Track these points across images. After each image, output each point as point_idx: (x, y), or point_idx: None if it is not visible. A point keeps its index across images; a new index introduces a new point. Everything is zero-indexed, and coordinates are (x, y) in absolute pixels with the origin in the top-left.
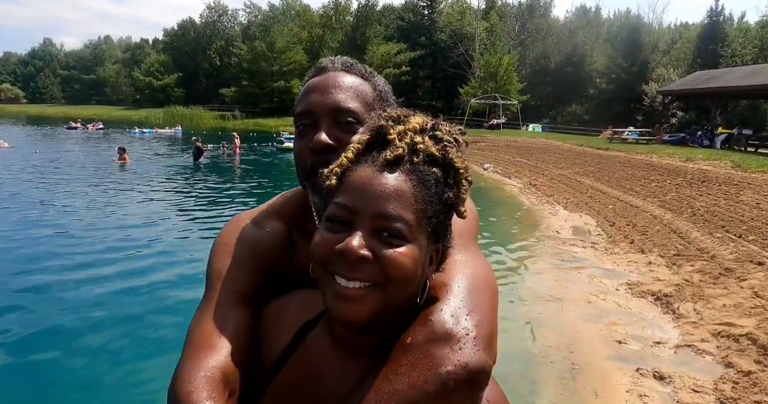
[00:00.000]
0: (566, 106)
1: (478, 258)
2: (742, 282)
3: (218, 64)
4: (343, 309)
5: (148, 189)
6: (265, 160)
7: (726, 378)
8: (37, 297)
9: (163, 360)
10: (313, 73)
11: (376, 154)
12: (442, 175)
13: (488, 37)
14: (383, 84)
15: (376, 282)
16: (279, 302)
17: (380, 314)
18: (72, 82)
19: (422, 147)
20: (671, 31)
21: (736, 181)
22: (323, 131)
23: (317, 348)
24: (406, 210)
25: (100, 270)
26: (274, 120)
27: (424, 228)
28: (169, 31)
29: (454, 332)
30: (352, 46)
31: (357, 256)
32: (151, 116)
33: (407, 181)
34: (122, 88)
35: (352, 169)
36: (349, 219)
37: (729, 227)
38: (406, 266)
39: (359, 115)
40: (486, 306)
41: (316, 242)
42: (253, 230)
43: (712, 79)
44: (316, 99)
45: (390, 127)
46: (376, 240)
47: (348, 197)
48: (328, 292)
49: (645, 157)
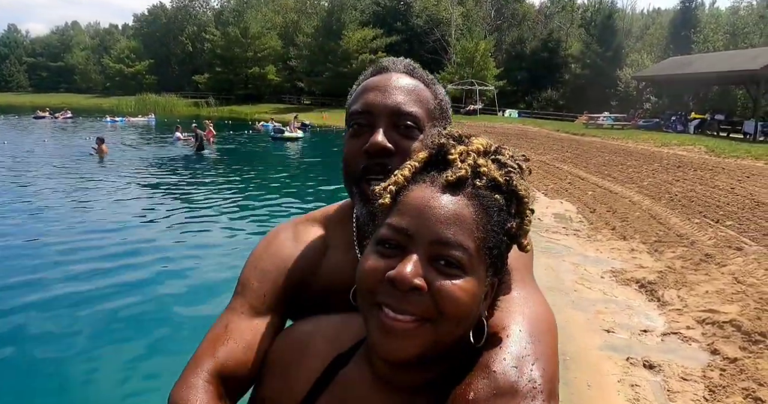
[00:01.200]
0: (542, 91)
1: (537, 295)
2: (722, 268)
3: (191, 50)
4: (389, 346)
5: (148, 186)
6: (255, 150)
7: (713, 366)
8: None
9: (160, 362)
10: (372, 72)
11: (436, 174)
12: (505, 202)
13: (464, 23)
14: (444, 93)
15: (427, 317)
16: (302, 329)
17: (429, 352)
18: (39, 70)
19: (485, 170)
20: (644, 17)
21: (711, 166)
22: (381, 132)
23: (354, 385)
24: (467, 237)
25: (86, 269)
26: (249, 107)
27: (484, 260)
28: (139, 17)
29: (519, 386)
30: (327, 32)
31: (410, 286)
32: (122, 104)
33: (469, 206)
34: (91, 76)
35: (408, 188)
36: (404, 243)
37: (706, 212)
38: (462, 301)
39: (420, 120)
40: (549, 351)
41: (364, 267)
42: (283, 242)
43: (684, 65)
44: (375, 98)
45: (451, 145)
46: (432, 268)
47: (403, 219)
48: (372, 324)
49: (621, 143)
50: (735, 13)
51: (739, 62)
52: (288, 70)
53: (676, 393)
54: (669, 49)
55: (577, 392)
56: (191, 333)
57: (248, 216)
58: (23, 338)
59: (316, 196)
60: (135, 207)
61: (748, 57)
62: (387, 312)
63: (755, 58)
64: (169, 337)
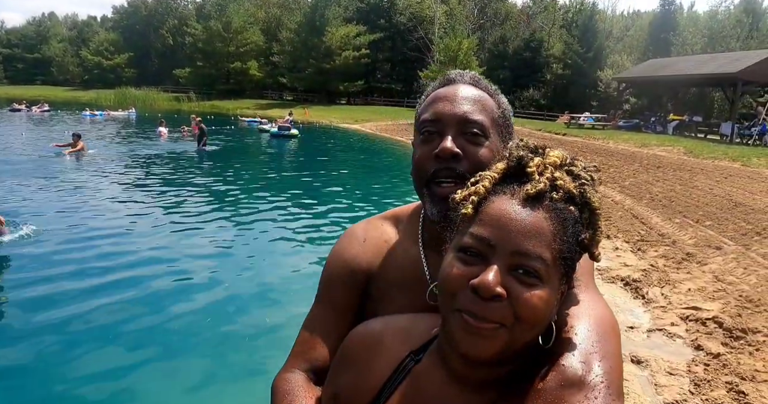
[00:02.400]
0: (524, 90)
1: (600, 299)
2: (703, 267)
3: (171, 43)
4: (471, 344)
5: (154, 184)
6: (252, 146)
7: (697, 361)
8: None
9: (159, 367)
10: (440, 84)
11: (516, 187)
12: (579, 214)
13: (448, 21)
14: (506, 103)
15: (505, 324)
16: (373, 327)
17: (504, 352)
18: (15, 61)
19: (562, 183)
20: (625, 19)
21: (690, 167)
22: (449, 138)
23: (428, 381)
24: (545, 249)
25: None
26: (231, 102)
27: (559, 269)
28: (119, 9)
29: (587, 380)
30: (310, 28)
31: (492, 294)
32: (101, 97)
33: (547, 219)
34: (69, 68)
35: (489, 199)
36: (485, 252)
37: (686, 213)
38: (539, 308)
39: (485, 127)
40: (615, 352)
41: (446, 272)
42: (351, 243)
43: (664, 67)
44: (444, 108)
45: (529, 158)
46: (512, 277)
47: (485, 229)
48: (454, 325)
49: (602, 143)
50: (713, 17)
51: (717, 65)
52: (270, 65)
53: (663, 387)
54: (649, 51)
55: None
56: (197, 331)
57: (254, 215)
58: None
59: (324, 191)
60: (139, 207)
61: (725, 60)
62: (468, 319)
63: (733, 61)
64: (170, 335)
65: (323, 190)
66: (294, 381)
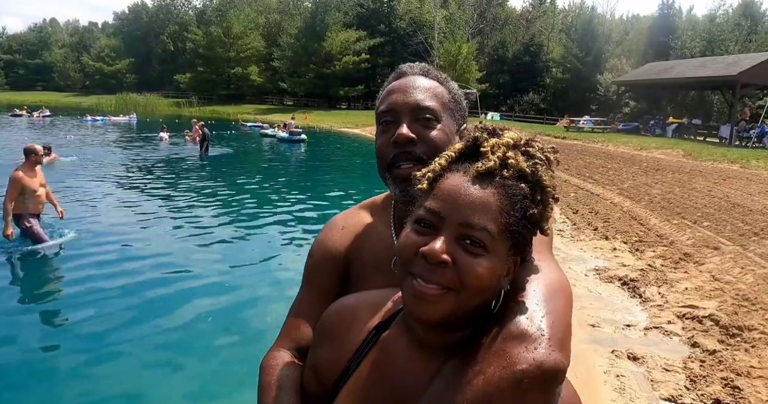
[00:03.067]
0: (524, 94)
1: (552, 265)
2: (700, 266)
3: (172, 49)
4: (419, 308)
5: (159, 189)
6: (257, 150)
7: (693, 358)
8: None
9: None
10: (393, 77)
11: (469, 165)
12: (530, 191)
13: (447, 26)
14: (456, 88)
15: (452, 287)
16: (348, 301)
17: (453, 315)
18: (16, 67)
19: (513, 162)
20: (624, 23)
21: (688, 169)
22: (405, 126)
23: (394, 348)
24: (490, 221)
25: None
26: (232, 107)
27: (505, 241)
28: (120, 15)
29: (529, 333)
30: (310, 33)
31: (438, 260)
32: (102, 103)
33: (495, 194)
34: (70, 74)
35: (443, 176)
36: (436, 223)
37: (685, 214)
38: (482, 275)
39: (437, 112)
40: (560, 309)
41: (402, 241)
42: (331, 231)
43: (663, 71)
44: (398, 98)
45: (484, 139)
46: (459, 247)
47: (437, 203)
48: (406, 290)
49: (601, 146)
50: (712, 21)
51: (716, 68)
52: (271, 70)
53: (659, 383)
54: (648, 55)
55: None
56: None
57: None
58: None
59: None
60: (152, 212)
61: (724, 63)
62: (419, 282)
63: (731, 64)
64: (176, 334)
65: (329, 194)
66: (279, 358)
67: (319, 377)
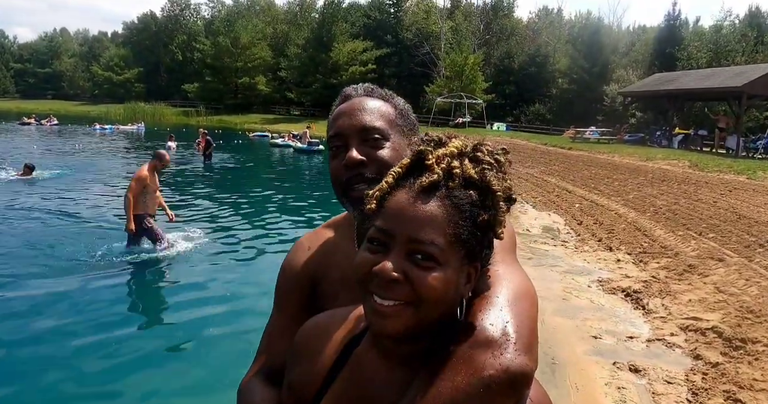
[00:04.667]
0: (530, 105)
1: (517, 270)
2: (704, 278)
3: (180, 59)
4: (380, 324)
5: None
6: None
7: (696, 370)
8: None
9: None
10: (339, 101)
11: (414, 180)
12: (479, 197)
13: (453, 37)
14: (402, 103)
15: (409, 301)
16: (321, 319)
17: (416, 328)
18: (26, 76)
19: (458, 171)
20: (630, 34)
21: (694, 180)
22: (354, 149)
23: (366, 362)
24: (438, 234)
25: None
26: (239, 117)
27: (457, 251)
28: (129, 25)
29: (494, 338)
30: (317, 44)
31: (389, 278)
32: (110, 112)
33: (440, 206)
34: (79, 83)
35: (391, 194)
36: (387, 241)
37: (690, 225)
38: (436, 288)
39: (384, 131)
40: (525, 314)
41: (356, 261)
42: (298, 252)
43: (669, 82)
44: (344, 122)
45: (429, 151)
46: (410, 262)
47: (385, 221)
48: (367, 307)
49: (607, 157)
50: (718, 32)
51: (722, 79)
52: (278, 80)
53: (660, 396)
54: (654, 66)
55: (566, 394)
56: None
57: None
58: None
59: None
60: None
61: (730, 74)
62: (375, 299)
63: (738, 75)
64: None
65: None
66: (255, 382)
67: (297, 396)
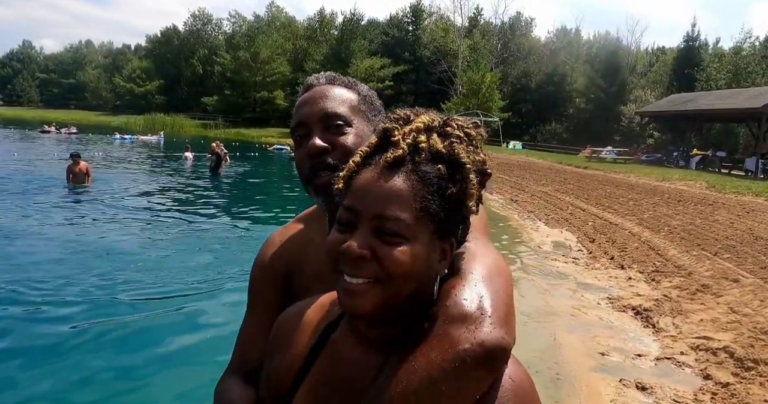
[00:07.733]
0: (546, 124)
1: (489, 248)
2: (718, 298)
3: (201, 72)
4: (350, 303)
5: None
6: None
7: (705, 390)
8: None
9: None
10: (302, 91)
11: (379, 157)
12: (448, 170)
13: (471, 55)
14: (366, 90)
15: (378, 278)
16: (298, 307)
17: (387, 306)
18: (50, 86)
19: (425, 146)
20: (649, 55)
21: (711, 201)
22: (316, 137)
23: (342, 346)
24: (404, 210)
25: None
26: (257, 130)
27: (426, 225)
28: (152, 38)
29: (469, 313)
30: (336, 60)
31: (356, 255)
32: (130, 122)
33: (406, 181)
34: (102, 94)
35: (358, 173)
36: (353, 220)
37: (705, 245)
38: (403, 263)
39: (346, 117)
40: (500, 289)
41: (327, 242)
42: (270, 247)
43: (687, 102)
44: (305, 111)
45: (395, 128)
46: (377, 239)
47: (352, 200)
48: (338, 287)
49: (623, 176)
50: (738, 53)
51: (742, 100)
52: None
53: None
54: (672, 86)
55: None
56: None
57: None
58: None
59: None
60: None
61: (750, 95)
62: (345, 278)
63: (757, 96)
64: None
65: None
66: (231, 383)
67: (275, 386)
